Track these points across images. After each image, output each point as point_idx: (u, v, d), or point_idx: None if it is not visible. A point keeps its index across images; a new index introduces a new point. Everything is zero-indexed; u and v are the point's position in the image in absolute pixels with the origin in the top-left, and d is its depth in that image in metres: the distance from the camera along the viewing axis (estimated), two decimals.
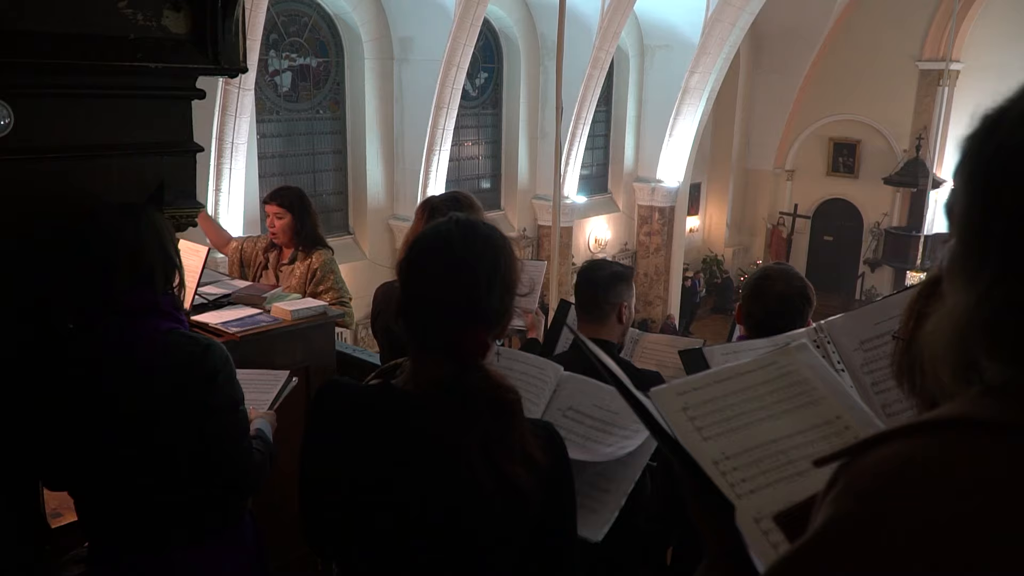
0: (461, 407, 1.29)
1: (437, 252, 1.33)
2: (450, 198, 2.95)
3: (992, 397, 0.65)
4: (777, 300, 2.33)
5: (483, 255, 1.32)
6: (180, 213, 2.11)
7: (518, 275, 1.37)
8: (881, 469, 0.64)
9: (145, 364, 1.76)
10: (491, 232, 1.36)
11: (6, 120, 1.79)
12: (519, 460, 1.28)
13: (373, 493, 1.34)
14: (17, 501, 1.99)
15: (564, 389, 1.72)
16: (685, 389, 1.05)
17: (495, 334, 1.35)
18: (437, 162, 11.91)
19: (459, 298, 1.30)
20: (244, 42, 2.09)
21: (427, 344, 1.33)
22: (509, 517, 1.30)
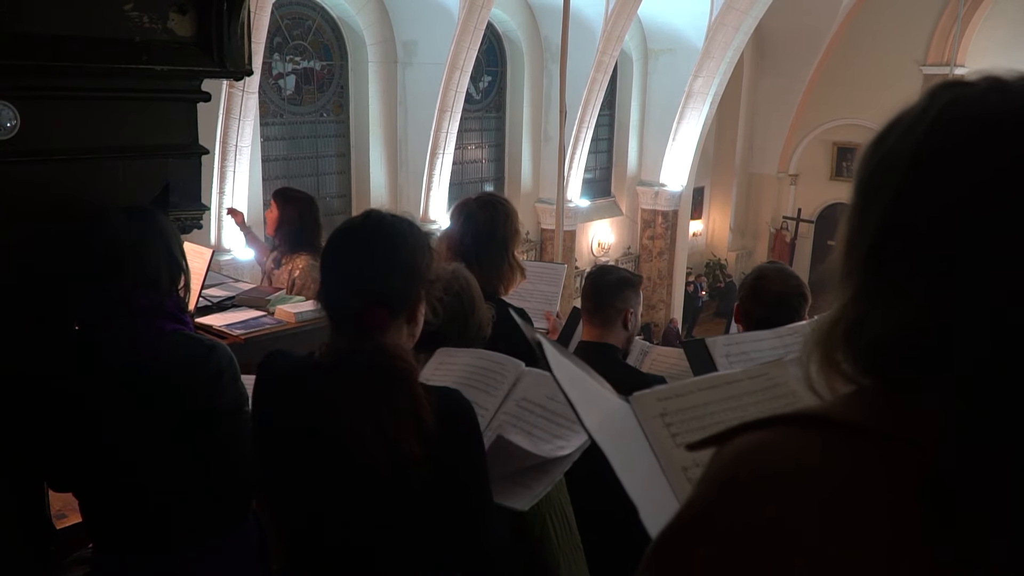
0: (351, 375, 1.43)
1: (342, 241, 1.53)
2: (486, 202, 2.94)
3: (850, 397, 0.68)
4: (775, 299, 2.35)
5: (382, 242, 1.49)
6: (184, 215, 2.11)
7: (423, 264, 1.52)
8: (733, 457, 0.67)
9: (150, 364, 1.76)
10: (396, 223, 1.53)
11: (12, 122, 1.79)
12: (408, 426, 1.39)
13: (286, 452, 1.50)
14: (22, 502, 2.00)
15: (523, 382, 1.80)
16: (667, 395, 1.06)
17: (402, 315, 1.50)
18: (440, 165, 11.91)
19: (357, 279, 1.48)
20: (249, 45, 2.10)
21: (337, 321, 1.50)
22: (399, 481, 1.40)
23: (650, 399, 1.05)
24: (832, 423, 0.65)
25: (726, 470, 0.67)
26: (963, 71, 15.94)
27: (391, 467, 1.39)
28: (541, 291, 3.23)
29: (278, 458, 1.53)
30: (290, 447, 1.49)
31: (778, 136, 18.96)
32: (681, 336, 15.67)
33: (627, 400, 1.04)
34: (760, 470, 0.64)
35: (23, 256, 1.87)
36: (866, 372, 0.68)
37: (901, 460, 0.60)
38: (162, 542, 1.85)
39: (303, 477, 1.48)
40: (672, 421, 1.02)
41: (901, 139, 0.67)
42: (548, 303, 3.17)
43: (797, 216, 19.09)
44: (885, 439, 0.62)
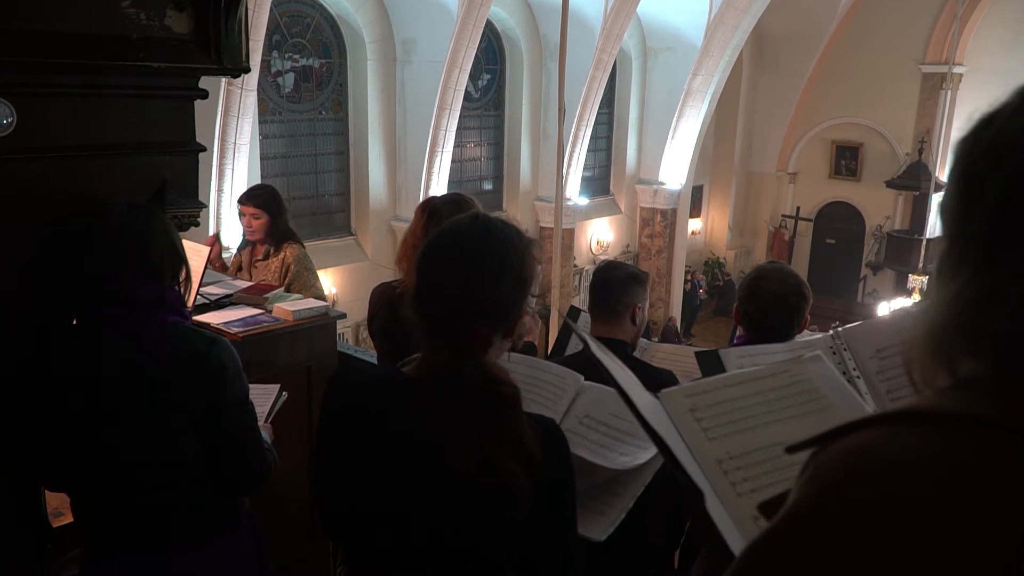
0: (452, 398, 1.31)
1: (448, 245, 1.38)
2: (450, 199, 2.97)
3: (958, 391, 0.67)
4: (773, 299, 2.34)
5: (491, 249, 1.35)
6: (182, 213, 2.11)
7: (532, 274, 1.39)
8: (842, 457, 0.66)
9: (151, 355, 1.76)
10: (505, 228, 1.39)
11: (9, 119, 1.79)
12: (513, 454, 1.29)
13: (370, 482, 1.37)
14: (18, 500, 1.99)
15: (583, 397, 1.72)
16: (695, 391, 1.08)
17: (503, 330, 1.37)
18: (439, 163, 11.90)
19: (461, 289, 1.33)
20: (247, 42, 2.09)
21: (431, 333, 1.36)
22: (500, 511, 1.32)
23: (679, 395, 1.06)
24: (948, 418, 0.64)
25: (834, 471, 0.65)
26: (961, 70, 15.99)
27: (492, 492, 1.30)
28: None
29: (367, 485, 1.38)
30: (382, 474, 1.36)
31: (777, 134, 18.96)
32: (680, 334, 15.69)
33: (656, 396, 1.06)
34: (872, 470, 0.63)
35: (20, 253, 1.87)
36: (983, 361, 0.66)
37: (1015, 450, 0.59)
38: (156, 541, 1.84)
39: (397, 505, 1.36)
40: (702, 416, 1.04)
41: (1008, 123, 0.66)
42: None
43: (796, 214, 19.10)
44: (1009, 432, 0.60)
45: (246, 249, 4.22)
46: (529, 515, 1.32)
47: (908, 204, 17.72)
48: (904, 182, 17.28)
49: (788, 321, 2.34)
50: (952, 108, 16.30)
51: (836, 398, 1.09)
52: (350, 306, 10.84)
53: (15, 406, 1.83)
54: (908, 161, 17.40)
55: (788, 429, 1.04)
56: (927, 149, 16.83)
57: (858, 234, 18.77)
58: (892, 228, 18.06)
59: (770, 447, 1.01)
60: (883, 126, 17.74)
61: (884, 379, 1.76)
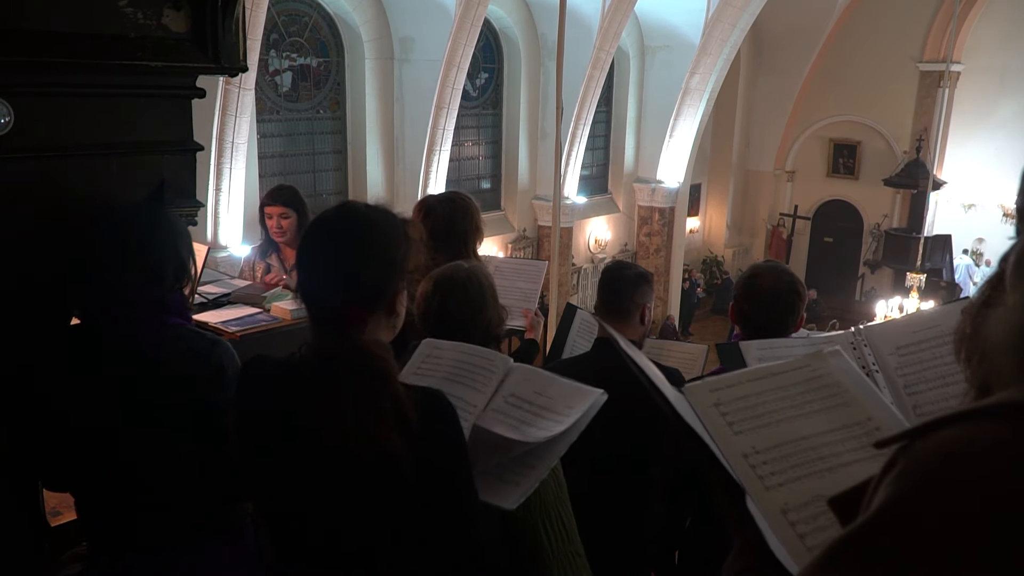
0: (330, 374, 1.40)
1: (316, 235, 1.51)
2: (446, 197, 2.98)
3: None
4: (768, 297, 2.35)
5: (349, 233, 1.46)
6: (180, 212, 2.11)
7: (401, 253, 1.48)
8: (944, 449, 0.63)
9: (151, 356, 1.76)
10: (369, 211, 1.50)
11: (6, 119, 1.79)
12: (390, 424, 1.36)
13: (271, 454, 1.48)
14: (17, 499, 1.99)
15: (511, 378, 1.78)
16: (718, 386, 1.08)
17: (381, 307, 1.47)
18: (437, 162, 11.90)
19: (329, 276, 1.44)
20: (244, 41, 2.09)
21: (312, 318, 1.47)
22: (385, 481, 1.39)
23: (703, 389, 1.07)
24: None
25: (930, 466, 0.63)
26: (959, 68, 16.00)
27: (375, 466, 1.38)
28: (520, 288, 3.23)
29: (263, 459, 1.51)
30: (275, 449, 1.47)
31: (775, 133, 18.96)
32: (678, 332, 15.70)
33: (679, 391, 1.06)
34: (969, 465, 0.61)
35: (19, 252, 1.86)
36: None
37: None
38: (159, 539, 1.84)
39: (288, 478, 1.47)
40: (727, 411, 1.04)
41: None
42: (526, 300, 3.18)
43: (794, 213, 19.11)
44: None
45: (272, 254, 4.11)
46: (412, 482, 1.39)
47: (906, 202, 17.73)
48: (902, 180, 17.29)
49: (783, 319, 2.35)
50: (950, 106, 16.33)
51: (858, 392, 1.10)
52: None
53: (15, 406, 1.83)
54: (906, 159, 17.41)
55: (812, 423, 1.05)
56: (925, 147, 16.83)
57: (856, 232, 18.78)
58: (890, 226, 18.07)
59: (795, 441, 1.02)
60: (881, 124, 17.75)
61: (902, 375, 1.82)
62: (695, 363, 3.27)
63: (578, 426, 1.65)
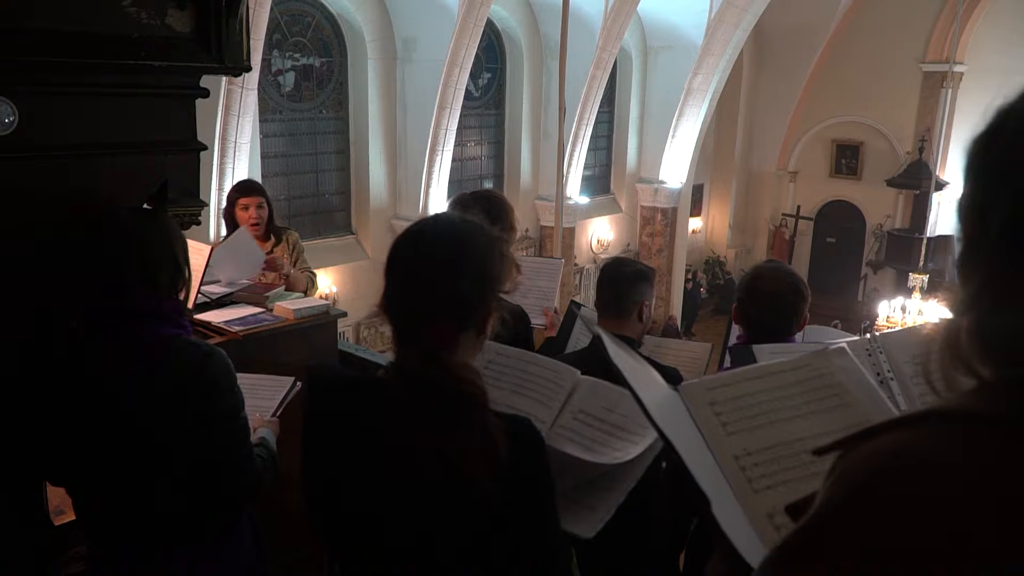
0: (417, 399, 1.31)
1: (409, 246, 1.38)
2: (481, 195, 2.95)
3: (981, 393, 0.67)
4: (770, 298, 2.35)
5: (451, 249, 1.35)
6: (183, 212, 2.11)
7: (498, 271, 1.38)
8: (871, 459, 0.66)
9: (146, 367, 1.75)
10: (465, 225, 1.40)
11: (10, 118, 1.79)
12: (478, 455, 1.28)
13: (343, 481, 1.38)
14: (20, 498, 2.00)
15: (578, 392, 1.70)
16: (715, 385, 1.07)
17: (473, 330, 1.37)
18: (440, 162, 11.90)
19: (423, 290, 1.34)
20: (248, 41, 2.10)
21: (399, 334, 1.37)
22: (464, 512, 1.31)
23: (699, 388, 1.05)
24: (971, 418, 0.63)
25: (862, 474, 0.65)
26: (962, 69, 15.97)
27: (462, 498, 1.30)
28: (539, 287, 3.20)
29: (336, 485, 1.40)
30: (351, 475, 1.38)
31: (777, 133, 18.94)
32: (680, 332, 15.69)
33: (675, 389, 1.05)
34: (904, 471, 0.63)
35: (22, 252, 1.87)
36: (1000, 366, 0.66)
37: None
38: (157, 542, 1.84)
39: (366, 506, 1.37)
40: (722, 410, 1.03)
41: (1021, 127, 0.66)
42: (546, 299, 3.16)
43: (796, 213, 19.09)
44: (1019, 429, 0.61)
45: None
46: (498, 515, 1.32)
47: (908, 203, 17.70)
48: (905, 181, 17.27)
49: (786, 320, 2.34)
50: (952, 107, 16.27)
51: (859, 393, 1.08)
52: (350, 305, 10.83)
53: (15, 407, 1.83)
54: (908, 160, 17.38)
55: (808, 425, 1.03)
56: (927, 148, 16.81)
57: (858, 233, 18.75)
58: (892, 227, 18.04)
59: (789, 443, 1.00)
60: (883, 125, 17.73)
61: (917, 383, 1.81)
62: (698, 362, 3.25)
63: (655, 447, 1.57)
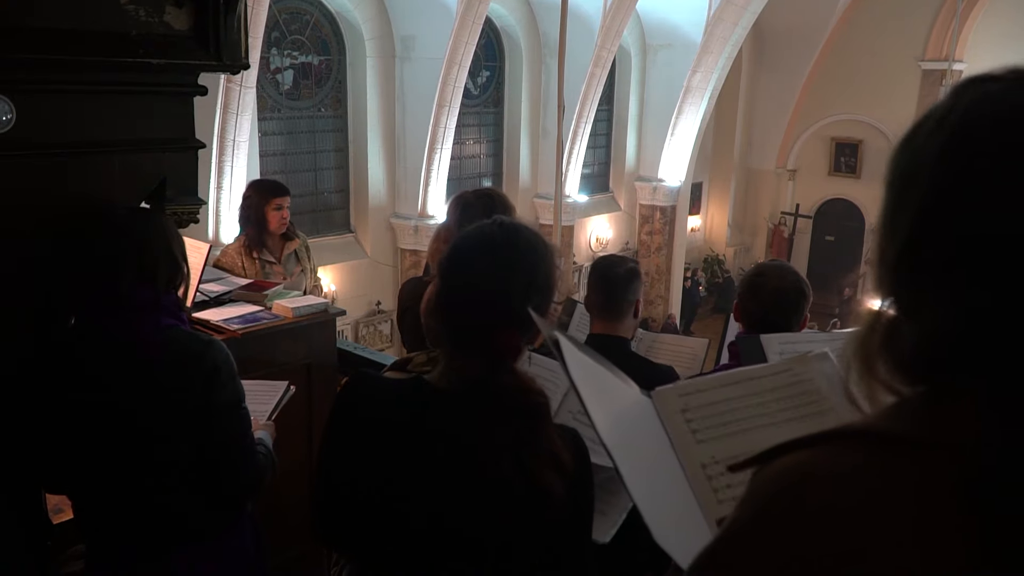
0: (491, 408, 1.30)
1: (480, 252, 1.35)
2: (484, 194, 2.94)
3: (894, 409, 0.67)
4: (772, 296, 2.34)
5: (524, 258, 1.33)
6: (181, 210, 2.11)
7: (556, 281, 1.37)
8: (777, 477, 0.66)
9: (146, 359, 1.76)
10: (533, 236, 1.37)
11: (8, 116, 1.79)
12: (548, 464, 1.28)
13: (398, 491, 1.33)
14: (19, 496, 1.99)
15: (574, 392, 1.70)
16: (689, 391, 1.05)
17: (529, 337, 1.35)
18: (439, 161, 11.90)
19: (497, 299, 1.31)
20: (246, 39, 2.09)
21: (462, 342, 1.33)
22: (534, 521, 1.31)
23: (672, 395, 1.04)
24: (869, 435, 0.64)
25: (768, 492, 0.66)
26: (961, 67, 15.97)
27: (530, 503, 1.29)
28: None
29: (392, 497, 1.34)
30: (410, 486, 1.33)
31: (776, 131, 18.94)
32: (679, 331, 15.68)
33: (649, 395, 1.03)
34: (801, 491, 0.64)
35: (20, 251, 1.86)
36: (905, 381, 0.66)
37: (937, 467, 0.60)
38: (157, 541, 1.84)
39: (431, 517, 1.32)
40: (693, 417, 1.02)
41: (928, 139, 0.66)
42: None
43: (795, 212, 19.10)
44: (919, 447, 0.61)
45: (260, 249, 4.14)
46: (558, 522, 1.32)
47: None
48: None
49: (787, 318, 2.34)
50: None
51: (837, 400, 1.06)
52: (349, 303, 10.84)
53: (15, 407, 1.83)
54: None
55: (780, 433, 1.01)
56: None
57: (857, 231, 18.76)
58: None
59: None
60: (883, 123, 17.73)
61: None
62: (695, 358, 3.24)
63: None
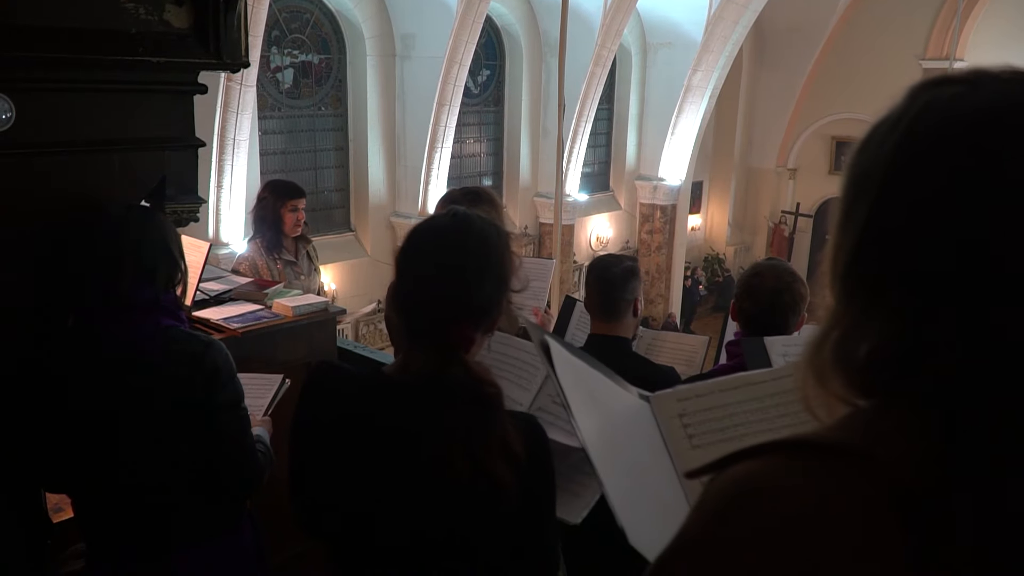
0: (441, 400, 1.31)
1: (429, 245, 1.37)
2: (470, 192, 2.95)
3: (846, 420, 0.66)
4: (769, 296, 2.34)
5: (474, 249, 1.34)
6: (181, 208, 2.11)
7: (512, 271, 1.39)
8: (725, 486, 0.66)
9: (145, 359, 1.75)
10: (485, 227, 1.38)
11: (7, 114, 1.78)
12: (498, 454, 1.29)
13: (355, 484, 1.36)
14: (19, 495, 1.99)
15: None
16: (687, 396, 1.05)
17: (484, 328, 1.37)
18: (439, 159, 11.89)
19: (447, 291, 1.33)
20: (246, 37, 2.09)
21: (416, 334, 1.36)
22: (486, 510, 1.32)
23: (670, 399, 1.04)
24: (820, 447, 0.64)
25: (718, 500, 0.66)
26: (962, 65, 15.94)
27: (480, 494, 1.30)
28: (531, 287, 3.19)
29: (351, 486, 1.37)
30: (367, 476, 1.36)
31: (777, 130, 18.92)
32: (679, 330, 15.68)
33: (647, 399, 1.03)
34: (747, 500, 0.64)
35: (19, 250, 1.86)
36: (857, 392, 0.66)
37: (882, 479, 0.60)
38: (157, 541, 1.84)
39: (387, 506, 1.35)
40: (690, 422, 1.02)
41: (881, 144, 0.66)
42: (536, 299, 3.15)
43: (796, 211, 19.08)
44: (866, 459, 0.61)
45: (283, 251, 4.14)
46: (514, 513, 1.33)
47: None
48: None
49: (784, 318, 2.34)
50: None
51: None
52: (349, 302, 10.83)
53: (14, 406, 1.83)
54: None
55: None
56: None
57: None
58: None
59: None
60: None
61: None
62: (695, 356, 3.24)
63: None
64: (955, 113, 0.63)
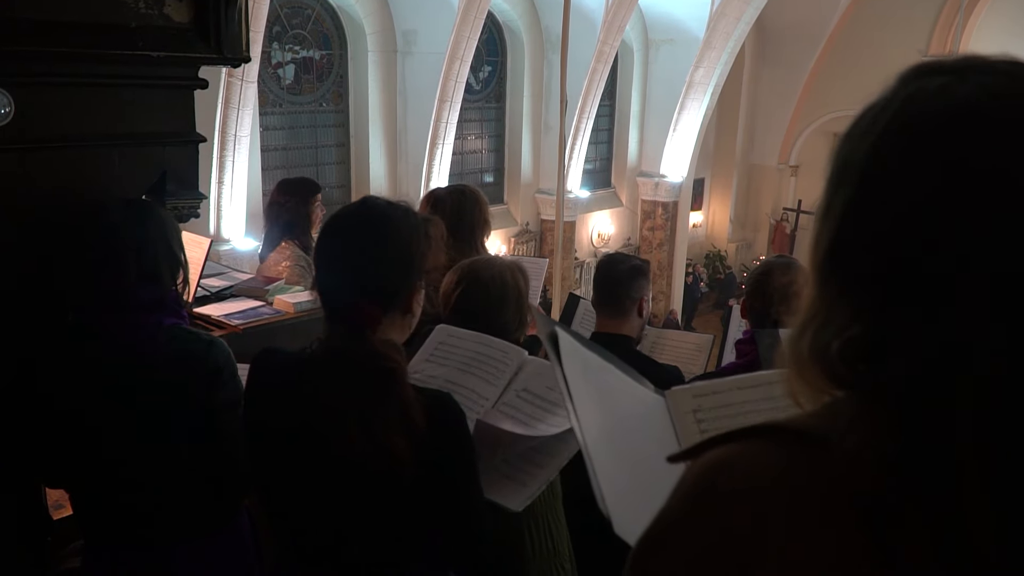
0: (341, 373, 1.39)
1: (343, 230, 1.49)
2: (454, 189, 2.95)
3: (823, 408, 0.67)
4: (779, 293, 2.34)
5: (372, 233, 1.45)
6: (182, 204, 2.10)
7: (420, 252, 1.47)
8: (703, 470, 0.67)
9: (148, 358, 1.75)
10: (390, 210, 1.47)
11: (7, 109, 1.77)
12: (396, 426, 1.35)
13: (277, 450, 1.47)
14: (19, 492, 1.99)
15: (524, 372, 1.76)
16: (703, 392, 1.06)
17: (396, 309, 1.46)
18: (440, 156, 11.88)
19: (345, 274, 1.44)
20: (247, 32, 2.07)
21: (330, 313, 1.47)
22: (383, 480, 1.38)
23: (686, 395, 1.05)
24: (793, 433, 0.64)
25: (694, 484, 0.67)
26: None
27: (379, 466, 1.37)
28: None
29: (270, 455, 1.50)
30: (282, 445, 1.46)
31: (779, 127, 18.90)
32: (681, 326, 15.67)
33: (662, 394, 1.03)
34: (724, 484, 0.65)
35: (19, 247, 1.85)
36: (833, 383, 0.67)
37: (840, 463, 0.61)
38: (156, 537, 1.84)
39: (294, 474, 1.46)
40: (704, 418, 1.03)
41: (863, 136, 0.66)
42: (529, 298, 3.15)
43: (798, 208, 19.06)
44: (829, 445, 0.62)
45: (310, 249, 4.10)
46: (413, 484, 1.38)
47: None
48: None
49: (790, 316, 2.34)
50: None
51: None
52: None
53: (15, 405, 1.82)
54: None
55: None
56: None
57: None
58: None
59: None
60: None
61: None
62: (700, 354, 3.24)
63: None
64: (937, 107, 0.63)
